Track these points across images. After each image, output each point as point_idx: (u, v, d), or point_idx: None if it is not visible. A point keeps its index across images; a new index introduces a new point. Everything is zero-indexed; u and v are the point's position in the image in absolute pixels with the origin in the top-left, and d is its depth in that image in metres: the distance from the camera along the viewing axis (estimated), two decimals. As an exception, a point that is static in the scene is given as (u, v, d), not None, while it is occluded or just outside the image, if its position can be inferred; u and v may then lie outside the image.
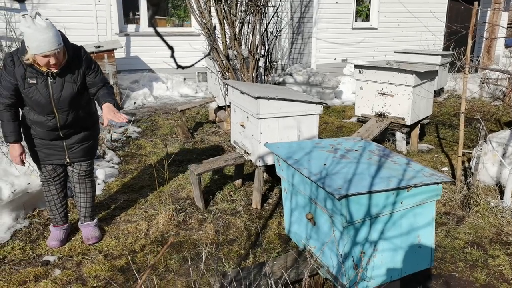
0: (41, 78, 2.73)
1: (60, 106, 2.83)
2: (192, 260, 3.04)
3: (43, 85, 2.75)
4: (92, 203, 3.29)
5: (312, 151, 2.69)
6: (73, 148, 3.03)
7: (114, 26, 8.41)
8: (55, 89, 2.77)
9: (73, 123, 2.94)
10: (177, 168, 4.73)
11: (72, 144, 3.02)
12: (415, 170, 2.44)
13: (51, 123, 2.87)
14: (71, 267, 2.94)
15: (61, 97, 2.80)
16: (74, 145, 3.02)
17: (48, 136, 2.93)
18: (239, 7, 5.56)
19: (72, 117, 2.90)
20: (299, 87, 7.91)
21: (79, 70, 2.83)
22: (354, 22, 10.25)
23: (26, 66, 2.69)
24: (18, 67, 2.70)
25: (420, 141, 5.77)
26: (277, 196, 4.04)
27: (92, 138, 3.13)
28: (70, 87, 2.81)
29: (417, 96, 5.05)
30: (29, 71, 2.71)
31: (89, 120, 3.07)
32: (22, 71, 2.70)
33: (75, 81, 2.82)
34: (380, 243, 2.32)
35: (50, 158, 3.02)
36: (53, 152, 3.00)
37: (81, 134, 3.03)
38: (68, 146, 3.01)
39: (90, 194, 3.25)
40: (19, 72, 2.70)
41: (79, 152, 3.06)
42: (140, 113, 7.15)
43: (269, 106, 3.55)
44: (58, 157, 3.03)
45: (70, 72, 2.80)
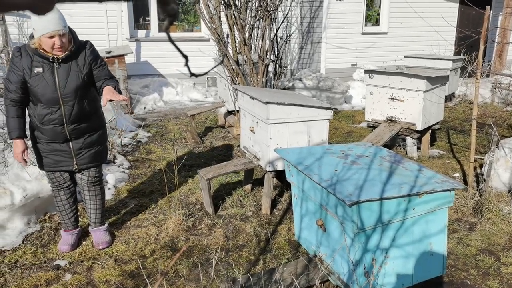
0: (47, 66, 2.76)
1: (66, 95, 2.81)
2: (202, 266, 3.03)
3: (49, 73, 2.77)
4: (102, 209, 3.29)
5: (323, 157, 2.68)
6: (81, 153, 3.00)
7: (124, 31, 8.49)
8: (61, 77, 2.79)
9: (79, 118, 2.91)
10: (186, 173, 4.74)
11: (80, 150, 2.99)
12: (427, 176, 2.42)
13: (57, 115, 2.84)
14: (82, 272, 2.96)
15: (67, 85, 2.80)
16: (82, 151, 3.00)
17: (54, 135, 2.89)
18: (249, 13, 5.58)
19: (77, 109, 2.87)
20: (309, 92, 7.90)
21: (85, 61, 2.87)
22: (364, 27, 10.23)
23: (33, 55, 2.74)
24: (25, 57, 2.75)
25: (431, 147, 5.72)
26: (287, 202, 4.02)
27: (100, 143, 3.11)
28: (75, 75, 2.82)
29: (428, 101, 5.02)
30: (35, 60, 2.75)
31: (96, 122, 3.06)
32: (29, 60, 2.75)
33: (81, 70, 2.84)
34: (391, 250, 2.29)
35: (58, 165, 3.00)
36: (61, 159, 2.98)
37: (89, 138, 3.01)
38: (76, 152, 2.98)
39: (99, 200, 3.25)
40: (26, 62, 2.75)
41: (87, 158, 3.04)
42: (150, 118, 7.19)
43: (279, 111, 3.54)
44: (66, 163, 3.00)
45: (76, 61, 2.84)
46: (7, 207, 3.30)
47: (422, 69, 6.69)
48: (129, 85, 7.89)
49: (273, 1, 5.38)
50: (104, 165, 4.74)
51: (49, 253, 3.17)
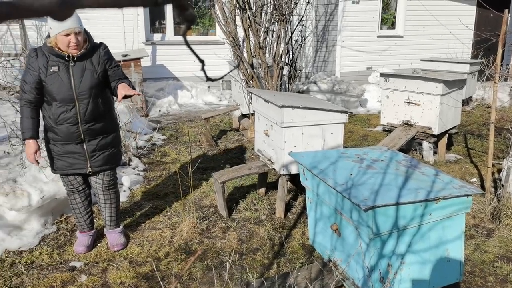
0: (63, 65, 2.80)
1: (80, 93, 2.83)
2: (216, 269, 3.03)
3: (65, 71, 2.81)
4: (116, 212, 3.30)
5: (338, 161, 2.66)
6: (94, 155, 3.00)
7: (140, 35, 8.57)
8: (75, 75, 2.82)
9: (93, 117, 2.92)
10: (201, 175, 4.75)
11: (94, 152, 2.99)
12: (444, 181, 2.38)
13: (71, 113, 2.85)
14: (97, 273, 2.98)
15: (82, 82, 2.83)
16: (96, 153, 3.00)
17: (69, 135, 2.90)
18: (263, 16, 5.58)
19: (92, 107, 2.89)
20: (324, 95, 7.87)
21: (100, 60, 2.91)
22: (379, 30, 10.16)
23: (49, 55, 2.79)
24: (41, 57, 2.80)
25: (448, 151, 5.64)
26: (301, 206, 4.00)
27: (114, 145, 3.11)
28: (90, 74, 2.86)
29: (445, 105, 4.95)
30: (51, 60, 2.79)
31: (110, 123, 3.07)
32: (45, 60, 2.80)
33: (95, 69, 2.88)
34: (407, 256, 2.26)
35: (72, 168, 3.00)
36: (75, 162, 2.98)
37: (103, 140, 3.01)
38: (90, 154, 2.98)
39: (114, 204, 3.26)
40: (42, 62, 2.79)
41: (101, 160, 3.03)
42: (165, 120, 7.24)
43: (294, 114, 3.53)
44: (80, 166, 3.00)
45: (90, 60, 2.88)
46: (25, 208, 3.35)
47: (438, 72, 6.61)
48: (145, 88, 7.96)
49: (288, 4, 5.38)
50: (119, 168, 4.80)
51: (65, 254, 3.20)
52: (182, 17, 0.46)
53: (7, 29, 7.74)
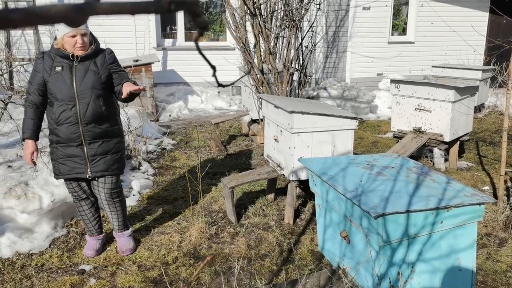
0: (67, 65, 2.83)
1: (81, 91, 2.83)
2: (224, 274, 3.02)
3: (68, 70, 2.83)
4: (123, 216, 3.27)
5: (347, 167, 2.65)
6: (95, 160, 2.96)
7: (152, 40, 8.64)
8: (78, 74, 2.83)
9: (94, 118, 2.88)
10: (210, 180, 4.76)
11: (94, 156, 2.95)
12: (456, 189, 2.35)
13: (72, 112, 2.83)
14: (106, 277, 2.99)
15: (83, 81, 2.83)
16: (96, 157, 2.95)
17: (69, 136, 2.87)
18: (274, 22, 5.60)
19: (92, 108, 2.86)
20: (333, 101, 7.85)
21: (105, 63, 2.92)
22: (390, 36, 10.12)
23: (55, 56, 2.83)
24: (47, 59, 2.85)
25: (459, 159, 5.59)
26: (310, 212, 3.99)
27: (116, 150, 3.05)
28: (93, 75, 2.86)
29: (457, 112, 4.91)
30: (56, 61, 2.83)
31: (113, 128, 3.03)
32: (50, 61, 2.84)
33: (99, 71, 2.88)
34: (418, 264, 2.24)
35: (73, 172, 2.96)
36: (75, 165, 2.95)
37: (104, 145, 2.97)
38: (90, 158, 2.94)
39: (120, 210, 3.22)
40: (47, 64, 2.84)
41: (101, 165, 2.98)
42: (175, 125, 7.27)
43: (303, 120, 3.53)
44: (80, 170, 2.96)
45: (94, 62, 2.89)
46: (36, 211, 3.38)
47: (450, 79, 6.57)
48: (155, 93, 8.01)
49: (298, 10, 5.39)
50: (129, 172, 4.82)
51: (74, 258, 3.22)
52: (195, 23, 0.46)
53: (22, 34, 7.85)
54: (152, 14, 0.42)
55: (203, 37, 9.47)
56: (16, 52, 7.49)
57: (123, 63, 7.23)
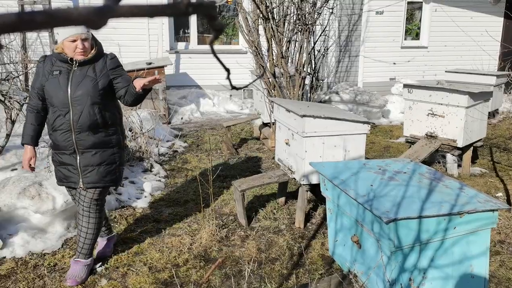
0: (65, 70, 2.75)
1: (75, 97, 2.71)
2: (234, 277, 3.03)
3: (65, 75, 2.74)
4: (92, 240, 2.96)
5: (359, 172, 2.64)
6: (87, 170, 2.81)
7: (165, 43, 8.71)
8: (74, 79, 2.73)
9: (88, 127, 2.75)
10: (221, 183, 4.77)
11: (86, 166, 2.80)
12: (469, 195, 2.33)
13: (65, 119, 2.73)
14: (117, 278, 3.01)
15: (78, 87, 2.71)
16: (88, 167, 2.81)
17: (63, 143, 2.77)
18: (286, 26, 5.61)
19: (86, 116, 2.73)
20: (345, 105, 7.82)
21: (104, 70, 2.80)
22: (403, 41, 10.07)
23: (55, 61, 2.77)
24: (48, 63, 2.78)
25: (473, 165, 5.52)
26: (321, 216, 3.97)
27: (111, 162, 2.87)
28: (89, 80, 2.74)
29: (470, 118, 4.86)
30: (56, 65, 2.76)
31: (110, 138, 2.87)
32: (50, 66, 2.77)
33: (96, 77, 2.76)
34: (429, 270, 2.22)
35: (68, 181, 2.87)
36: (69, 174, 2.85)
37: (97, 155, 2.82)
38: (82, 168, 2.80)
39: (91, 230, 2.92)
40: (47, 68, 2.77)
41: (93, 176, 2.82)
42: (187, 128, 7.31)
43: (315, 124, 3.52)
44: (73, 179, 2.85)
45: (93, 68, 2.78)
46: (49, 211, 3.42)
47: (464, 84, 6.51)
48: (168, 96, 8.06)
49: (311, 14, 5.39)
50: (141, 173, 4.86)
51: (86, 258, 3.24)
52: (211, 26, 0.47)
53: (37, 37, 7.97)
54: (166, 17, 0.43)
55: (215, 41, 9.53)
56: (31, 54, 7.60)
57: (136, 65, 7.30)
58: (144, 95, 2.78)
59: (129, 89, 2.78)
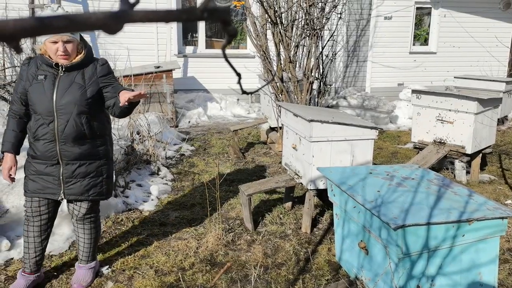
0: (51, 75, 2.54)
1: (60, 106, 2.51)
2: (240, 282, 3.02)
3: (50, 80, 2.53)
4: (91, 248, 2.92)
5: (367, 178, 2.63)
6: (70, 182, 2.63)
7: (173, 47, 8.75)
8: (61, 86, 2.53)
9: (74, 137, 2.57)
10: (227, 187, 4.77)
11: (70, 178, 2.63)
12: (478, 202, 2.31)
13: (49, 128, 2.54)
14: (123, 281, 3.02)
15: (64, 95, 2.51)
16: (71, 179, 2.63)
17: (46, 154, 2.58)
18: (294, 31, 5.62)
19: (72, 126, 2.54)
20: (353, 110, 7.81)
21: (93, 76, 2.60)
22: (412, 46, 10.04)
23: (40, 64, 2.56)
24: (33, 66, 2.58)
25: (481, 171, 5.48)
26: (328, 222, 3.96)
27: (97, 174, 2.70)
28: (77, 88, 2.54)
29: (479, 124, 4.83)
30: (41, 69, 2.55)
31: (97, 149, 2.69)
32: (34, 69, 2.56)
33: (84, 84, 2.57)
34: (438, 278, 2.20)
35: (44, 191, 2.64)
36: (48, 185, 2.63)
37: (83, 167, 2.64)
38: (65, 180, 2.62)
39: (88, 239, 2.89)
40: (31, 72, 2.56)
41: (76, 189, 2.65)
42: (194, 131, 7.33)
43: (323, 129, 3.51)
44: (52, 190, 2.64)
45: (82, 74, 2.58)
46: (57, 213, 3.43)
47: (473, 90, 6.47)
48: (175, 99, 8.09)
49: (319, 19, 5.40)
50: (148, 177, 4.87)
51: (93, 260, 3.25)
52: (225, 31, 0.47)
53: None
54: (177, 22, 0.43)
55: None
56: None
57: (145, 69, 7.34)
58: (130, 109, 2.59)
59: (117, 100, 2.59)
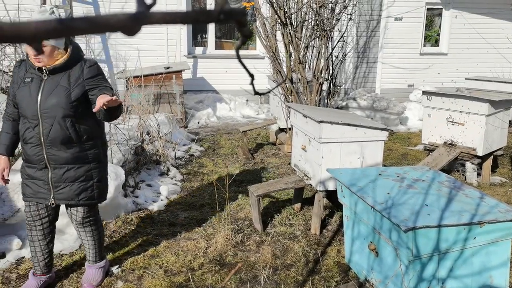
0: (37, 77, 2.49)
1: (45, 109, 2.46)
2: (250, 283, 3.02)
3: (37, 83, 2.49)
4: (96, 248, 2.92)
5: (377, 179, 2.61)
6: (59, 187, 2.59)
7: (183, 48, 8.79)
8: (45, 89, 2.47)
9: (59, 141, 2.51)
10: (236, 188, 4.78)
11: (58, 183, 2.58)
12: (489, 205, 2.29)
13: (34, 132, 2.50)
14: (133, 280, 3.03)
15: (48, 98, 2.45)
16: (60, 184, 2.59)
17: (33, 157, 2.55)
18: (304, 31, 5.61)
19: (56, 130, 2.48)
20: (363, 112, 7.77)
21: (79, 78, 2.51)
22: (422, 47, 9.98)
23: (29, 66, 2.52)
24: (22, 70, 2.55)
25: (493, 174, 5.43)
26: (337, 223, 3.94)
27: (88, 178, 2.64)
28: (62, 91, 2.47)
29: (491, 126, 4.78)
30: (29, 71, 2.52)
31: (86, 153, 2.62)
32: (23, 72, 2.53)
33: (69, 87, 2.48)
34: (448, 280, 2.18)
35: (36, 196, 2.62)
36: (39, 190, 2.61)
37: (72, 172, 2.58)
38: (54, 184, 2.58)
39: (92, 241, 2.87)
40: (21, 74, 2.53)
41: (66, 193, 2.61)
42: (203, 132, 7.35)
43: (332, 130, 3.51)
44: (43, 195, 2.61)
45: (68, 76, 2.50)
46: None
47: (484, 92, 6.41)
48: (185, 100, 8.13)
49: (330, 20, 5.39)
50: (158, 177, 4.90)
51: (103, 260, 3.27)
52: (240, 32, 0.47)
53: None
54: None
55: (233, 45, 9.58)
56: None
57: (155, 70, 7.38)
58: (112, 113, 2.46)
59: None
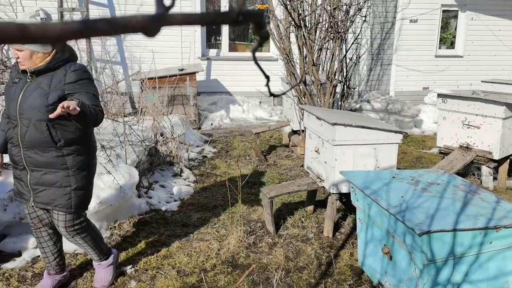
0: (24, 79, 2.50)
1: (22, 111, 2.45)
2: (262, 285, 3.02)
3: (21, 84, 2.50)
4: (94, 250, 2.86)
5: (391, 182, 2.59)
6: (37, 190, 2.57)
7: (197, 50, 8.83)
8: (27, 91, 2.47)
9: (35, 144, 2.48)
10: (249, 190, 4.78)
11: (36, 185, 2.57)
12: (506, 209, 2.26)
13: (14, 132, 2.52)
14: (146, 280, 3.05)
15: (27, 100, 2.44)
16: (38, 187, 2.57)
17: (13, 158, 2.59)
18: (318, 34, 5.60)
19: (33, 132, 2.46)
20: (377, 114, 7.72)
21: (60, 82, 2.46)
22: (437, 50, 9.88)
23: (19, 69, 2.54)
24: (14, 70, 2.59)
25: (509, 177, 5.34)
26: (350, 226, 3.92)
27: (61, 185, 2.56)
28: (40, 94, 2.44)
29: (507, 129, 4.71)
30: (19, 73, 2.54)
31: (63, 160, 2.54)
32: (15, 73, 2.57)
33: (48, 90, 2.44)
34: (463, 285, 2.15)
35: (21, 196, 2.66)
36: (22, 190, 2.63)
37: (48, 175, 2.54)
38: (33, 186, 2.57)
39: (86, 246, 2.81)
40: (13, 75, 2.58)
41: (42, 197, 2.57)
42: (216, 134, 7.37)
43: (346, 133, 3.49)
44: (25, 196, 2.63)
45: (50, 79, 2.47)
46: (82, 212, 3.50)
47: (500, 94, 6.32)
48: (198, 102, 8.17)
49: (344, 22, 5.37)
50: (171, 178, 4.92)
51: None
52: (258, 33, 0.48)
53: (75, 43, 8.22)
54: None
55: (246, 47, 9.61)
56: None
57: (169, 71, 7.43)
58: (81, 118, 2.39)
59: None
